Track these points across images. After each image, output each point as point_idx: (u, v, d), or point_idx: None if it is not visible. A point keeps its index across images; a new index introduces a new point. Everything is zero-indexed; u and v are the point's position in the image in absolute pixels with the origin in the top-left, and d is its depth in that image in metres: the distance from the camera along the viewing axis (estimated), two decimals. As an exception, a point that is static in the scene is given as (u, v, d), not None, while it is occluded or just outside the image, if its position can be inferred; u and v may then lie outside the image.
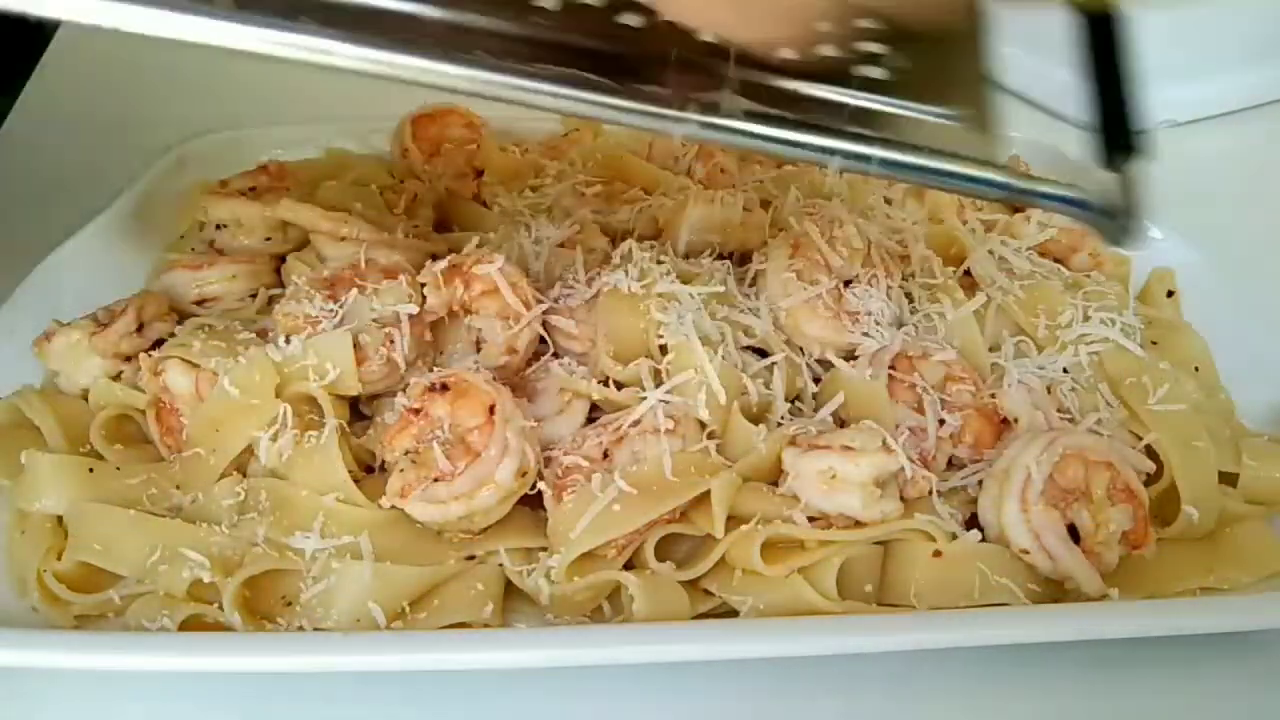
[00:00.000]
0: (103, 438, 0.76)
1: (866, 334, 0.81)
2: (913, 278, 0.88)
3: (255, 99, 1.34)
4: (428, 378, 0.71)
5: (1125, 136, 0.68)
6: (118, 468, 0.73)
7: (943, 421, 0.76)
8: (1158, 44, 1.35)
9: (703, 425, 0.73)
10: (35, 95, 1.36)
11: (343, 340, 0.73)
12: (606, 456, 0.71)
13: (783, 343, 0.81)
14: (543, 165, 1.06)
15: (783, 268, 0.83)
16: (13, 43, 1.43)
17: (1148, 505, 0.71)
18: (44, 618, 0.67)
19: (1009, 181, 0.60)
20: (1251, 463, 0.77)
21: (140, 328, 0.81)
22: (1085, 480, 0.69)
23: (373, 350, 0.74)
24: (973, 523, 0.71)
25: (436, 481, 0.67)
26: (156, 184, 1.03)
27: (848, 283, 0.84)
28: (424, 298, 0.78)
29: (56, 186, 1.13)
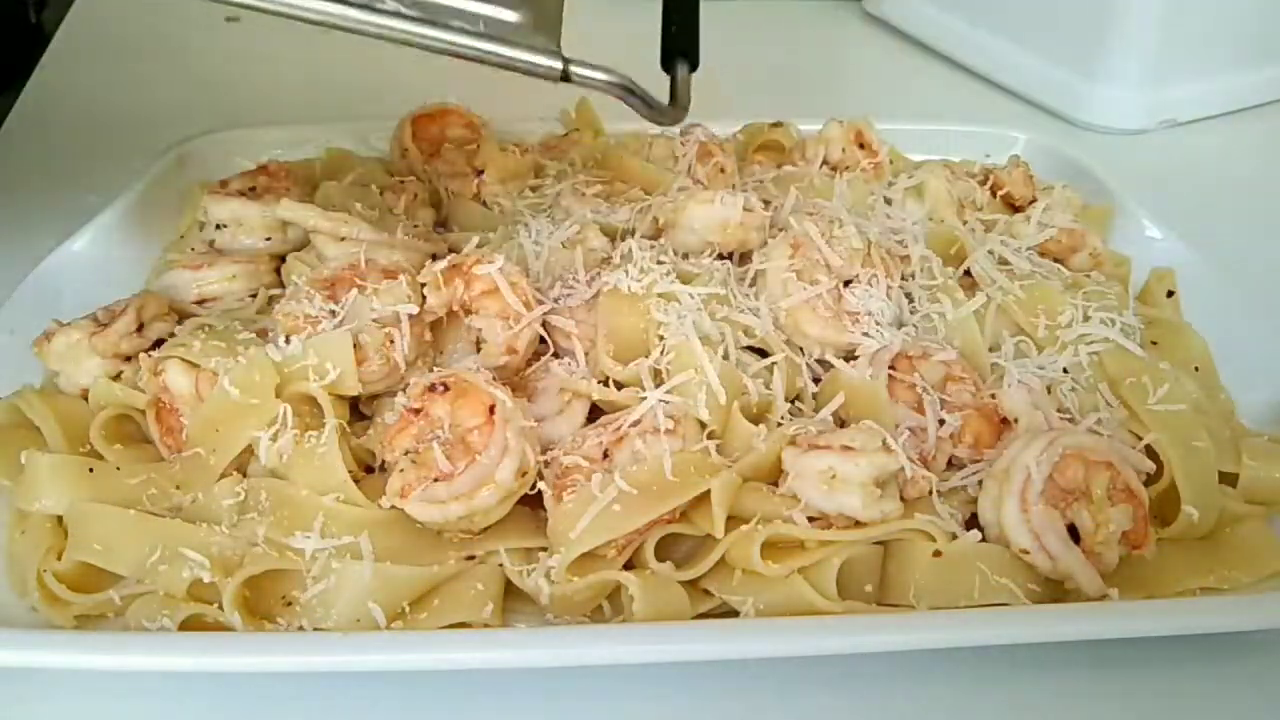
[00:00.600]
0: (103, 438, 0.75)
1: (866, 334, 0.81)
2: (913, 278, 0.89)
3: (255, 99, 1.35)
4: (428, 378, 0.71)
5: (683, 41, 0.80)
6: (118, 468, 0.73)
7: (943, 421, 0.76)
8: (1158, 44, 1.37)
9: (703, 425, 0.73)
10: (35, 95, 1.37)
11: (343, 340, 0.73)
12: (606, 456, 0.71)
13: (783, 343, 0.81)
14: (543, 165, 1.06)
15: (783, 268, 0.83)
16: (13, 43, 1.43)
17: (1148, 505, 0.71)
18: (44, 618, 0.67)
19: (554, 66, 0.65)
20: (1251, 463, 0.77)
21: (140, 328, 0.81)
22: (1085, 480, 0.69)
23: (373, 350, 0.74)
24: (973, 523, 0.71)
25: (436, 481, 0.67)
26: (156, 184, 1.03)
27: (848, 283, 0.84)
28: (424, 298, 0.78)
29: (56, 186, 1.13)
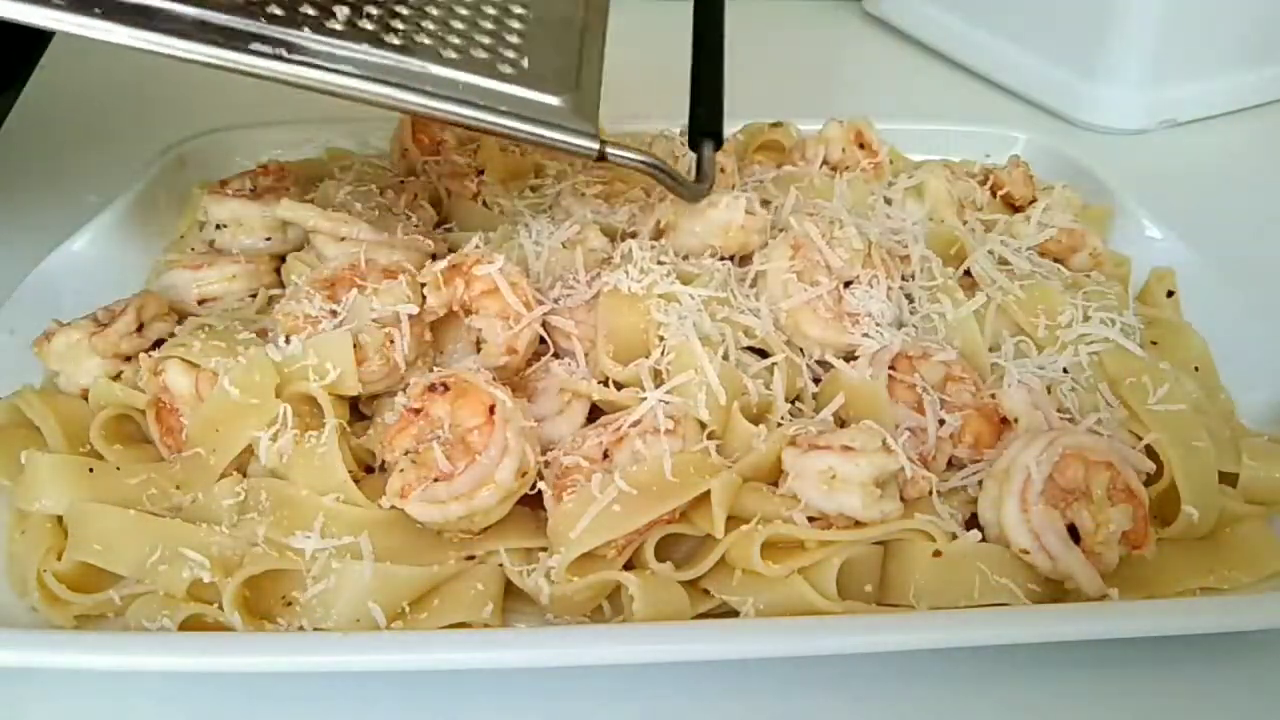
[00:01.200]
0: (103, 438, 0.75)
1: (866, 334, 0.81)
2: (913, 278, 0.89)
3: (255, 99, 1.34)
4: (428, 378, 0.71)
5: (709, 123, 0.84)
6: (118, 468, 0.73)
7: (943, 421, 0.76)
8: (1158, 44, 1.37)
9: (703, 425, 0.73)
10: (35, 95, 1.37)
11: (343, 340, 0.73)
12: (606, 456, 0.71)
13: (783, 343, 0.81)
14: (543, 165, 1.06)
15: (783, 268, 0.83)
16: (13, 43, 1.43)
17: (1148, 505, 0.71)
18: (44, 618, 0.67)
19: (592, 148, 0.71)
20: (1251, 463, 0.77)
21: (140, 328, 0.81)
22: (1085, 480, 0.69)
23: (373, 350, 0.74)
24: (973, 523, 0.71)
25: (436, 481, 0.67)
26: (156, 184, 1.03)
27: (848, 283, 0.84)
28: (424, 298, 0.78)
29: (56, 186, 1.13)
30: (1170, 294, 0.96)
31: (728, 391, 0.73)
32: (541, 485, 0.70)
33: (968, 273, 0.90)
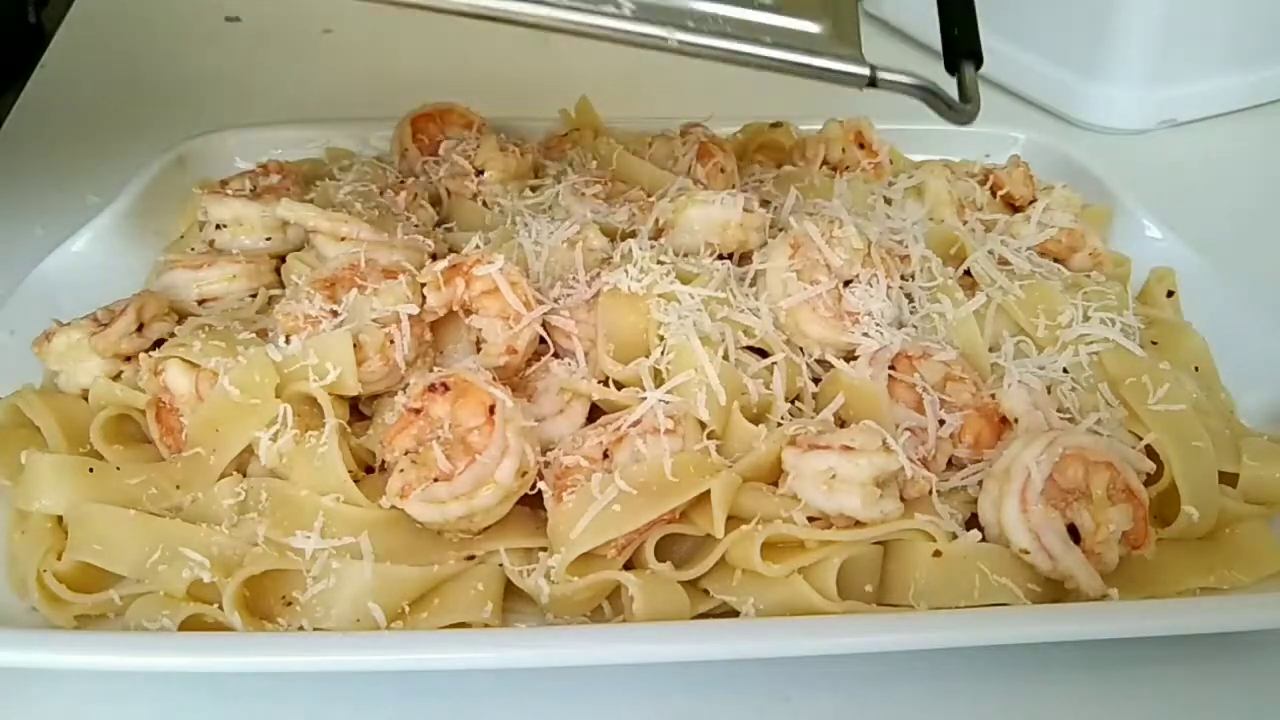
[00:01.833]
0: (103, 438, 0.75)
1: (866, 334, 0.81)
2: (913, 278, 0.89)
3: (255, 99, 1.35)
4: (428, 378, 0.71)
5: (966, 42, 0.79)
6: (118, 468, 0.73)
7: (943, 421, 0.76)
8: (1158, 44, 1.37)
9: (703, 425, 0.73)
10: (35, 95, 1.37)
11: (343, 340, 0.73)
12: (606, 456, 0.71)
13: (783, 343, 0.81)
14: (543, 165, 1.06)
15: (783, 268, 0.83)
16: (13, 43, 1.43)
17: (1148, 505, 0.71)
18: (44, 618, 0.67)
19: (863, 73, 0.68)
20: (1251, 463, 0.77)
21: (140, 328, 0.81)
22: (1085, 480, 0.69)
23: (373, 350, 0.74)
24: (973, 523, 0.71)
25: (436, 481, 0.67)
26: (156, 184, 1.03)
27: (848, 283, 0.84)
28: (424, 298, 0.78)
29: (56, 186, 1.13)
30: (1170, 294, 0.96)
31: (728, 391, 0.73)
32: (541, 485, 0.70)
33: (968, 273, 0.90)
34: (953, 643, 0.65)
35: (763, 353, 0.81)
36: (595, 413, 0.77)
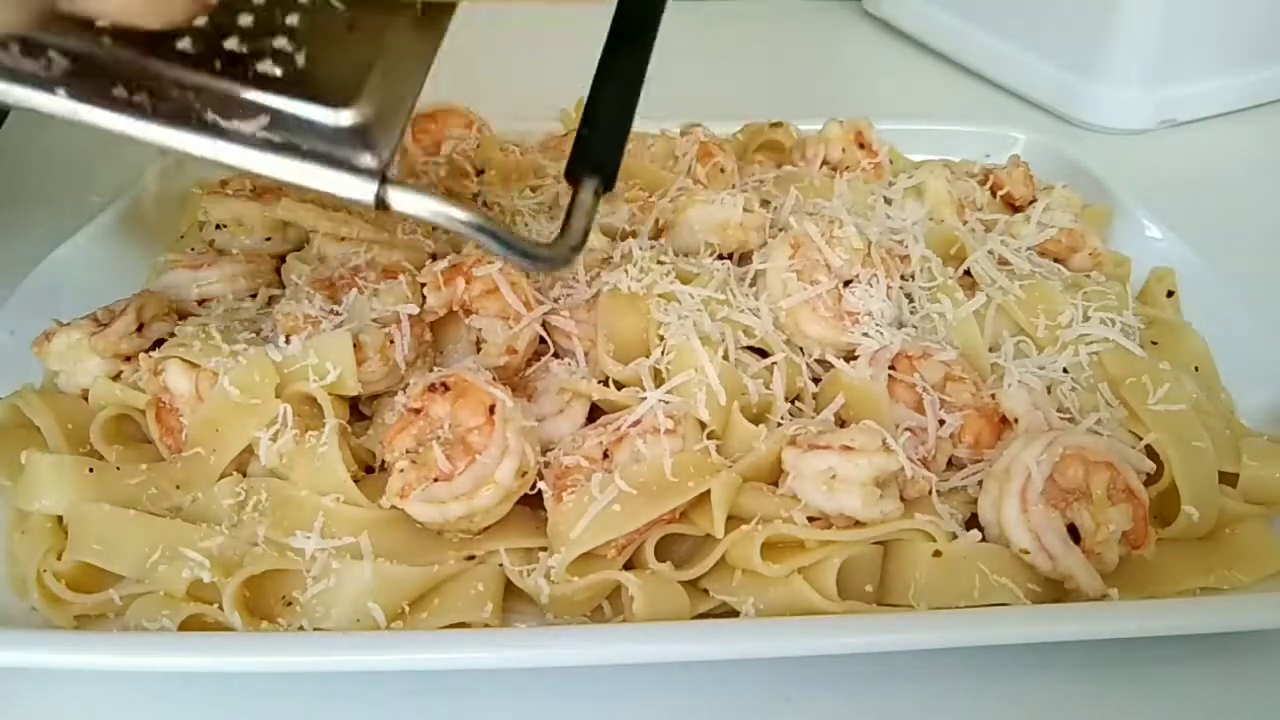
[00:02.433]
0: (103, 438, 0.75)
1: (866, 334, 0.81)
2: (913, 278, 0.89)
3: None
4: (428, 378, 0.71)
5: (599, 152, 0.62)
6: (118, 468, 0.73)
7: (943, 421, 0.76)
8: (1158, 44, 1.37)
9: (703, 425, 0.73)
10: (35, 95, 1.36)
11: (343, 340, 0.73)
12: (606, 456, 0.71)
13: (783, 343, 0.81)
14: (543, 165, 1.05)
15: (783, 268, 0.83)
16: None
17: (1148, 505, 0.71)
18: (44, 618, 0.67)
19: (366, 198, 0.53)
20: (1251, 463, 0.77)
21: (140, 328, 0.81)
22: (1085, 480, 0.69)
23: (373, 350, 0.74)
24: (973, 523, 0.71)
25: (436, 481, 0.67)
26: (156, 184, 1.03)
27: (848, 283, 0.84)
28: (424, 298, 0.78)
29: (56, 186, 1.13)
30: (1170, 294, 0.96)
31: (728, 391, 0.73)
32: (541, 485, 0.70)
33: (968, 273, 0.90)
34: (953, 643, 0.65)
35: (763, 353, 0.81)
36: (595, 413, 0.77)
